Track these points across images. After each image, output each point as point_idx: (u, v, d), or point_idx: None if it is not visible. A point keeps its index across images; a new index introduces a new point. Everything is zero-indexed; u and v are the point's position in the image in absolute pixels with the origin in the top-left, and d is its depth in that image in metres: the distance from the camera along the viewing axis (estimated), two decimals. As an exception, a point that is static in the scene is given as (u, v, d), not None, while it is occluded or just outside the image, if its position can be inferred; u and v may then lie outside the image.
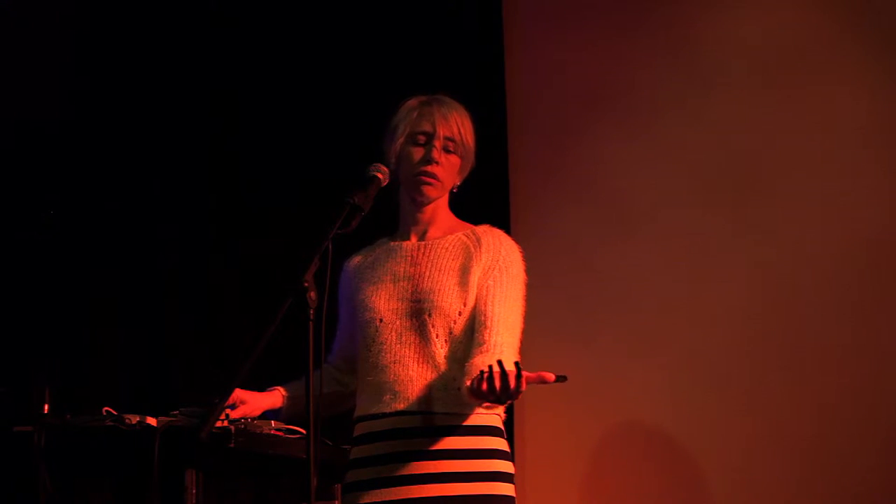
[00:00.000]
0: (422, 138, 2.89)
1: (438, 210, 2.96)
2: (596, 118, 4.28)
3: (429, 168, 2.88)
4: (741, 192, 4.06)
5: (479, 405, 2.68)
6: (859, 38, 4.01)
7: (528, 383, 2.50)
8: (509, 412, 2.89)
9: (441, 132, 2.88)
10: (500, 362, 2.49)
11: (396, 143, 2.91)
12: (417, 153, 2.89)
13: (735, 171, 4.08)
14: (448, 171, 2.91)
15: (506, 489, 2.79)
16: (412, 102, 2.95)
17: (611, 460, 4.09)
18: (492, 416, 2.82)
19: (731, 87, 4.12)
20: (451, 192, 2.98)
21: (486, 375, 2.50)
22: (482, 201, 3.26)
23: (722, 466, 3.94)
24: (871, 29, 4.01)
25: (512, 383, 2.48)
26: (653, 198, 4.16)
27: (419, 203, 2.94)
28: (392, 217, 3.00)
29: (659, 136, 4.19)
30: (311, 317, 2.44)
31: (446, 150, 2.90)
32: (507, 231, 3.02)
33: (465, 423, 2.78)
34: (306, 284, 2.45)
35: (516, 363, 2.50)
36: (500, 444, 2.83)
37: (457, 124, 2.90)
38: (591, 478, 4.09)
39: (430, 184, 2.90)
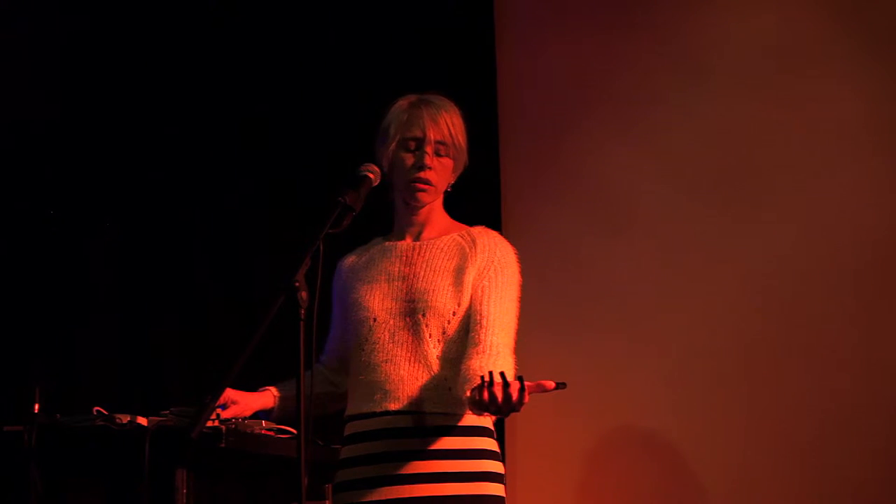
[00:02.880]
0: (412, 144, 2.88)
1: (433, 211, 2.96)
2: (587, 116, 4.28)
3: (422, 175, 2.86)
4: (733, 189, 4.06)
5: (479, 415, 2.66)
6: (852, 36, 4.01)
7: (529, 394, 2.49)
8: (499, 412, 2.89)
9: (432, 137, 2.86)
10: (502, 374, 2.48)
11: (388, 148, 2.90)
12: (409, 159, 2.87)
13: (726, 168, 4.08)
14: (441, 175, 2.90)
15: (495, 489, 2.79)
16: (401, 104, 2.92)
17: (602, 460, 4.09)
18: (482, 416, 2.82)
19: (722, 84, 4.12)
20: (445, 192, 2.98)
21: (486, 384, 2.48)
22: (473, 199, 3.26)
23: (717, 465, 3.94)
24: (864, 26, 4.01)
25: (514, 396, 2.46)
26: (645, 195, 4.16)
27: (413, 207, 2.94)
28: (386, 217, 3.00)
29: (651, 133, 4.19)
30: (303, 316, 2.44)
31: (438, 154, 2.88)
32: (498, 229, 3.02)
33: (455, 424, 2.77)
34: (297, 284, 2.45)
35: (519, 377, 2.49)
36: (490, 444, 2.83)
37: (447, 125, 2.88)
38: (582, 478, 4.09)
39: (424, 190, 2.89)
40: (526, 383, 2.47)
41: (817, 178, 3.97)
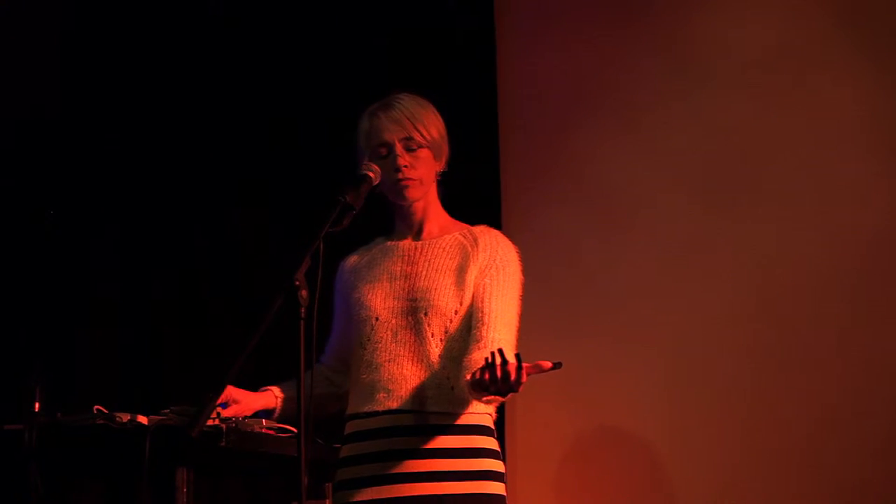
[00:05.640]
0: (383, 150, 2.89)
1: (429, 206, 2.97)
2: (586, 116, 4.28)
3: (400, 175, 2.88)
4: (732, 189, 4.06)
5: (479, 399, 2.68)
6: (851, 36, 4.00)
7: (527, 374, 2.50)
8: (499, 411, 2.90)
9: (395, 137, 2.88)
10: (500, 351, 2.50)
11: (364, 159, 2.90)
12: (384, 165, 2.87)
13: (726, 169, 4.07)
14: (421, 167, 2.90)
15: (496, 488, 2.80)
16: (364, 118, 2.94)
17: (601, 458, 4.09)
18: (483, 415, 2.83)
19: (722, 85, 4.12)
20: (440, 185, 2.98)
21: (487, 364, 2.50)
22: (473, 199, 3.27)
23: (717, 466, 3.93)
24: (863, 26, 4.01)
25: (513, 374, 2.48)
26: (643, 195, 4.16)
27: (406, 206, 2.95)
28: (388, 217, 3.01)
29: (651, 134, 4.19)
30: (303, 315, 2.44)
31: (409, 150, 2.89)
32: (498, 229, 3.03)
33: (456, 423, 2.79)
34: (297, 283, 2.46)
35: (517, 355, 2.51)
36: (491, 443, 2.84)
37: (409, 120, 2.88)
38: (581, 476, 4.09)
39: (408, 186, 2.90)
40: (524, 363, 2.49)
41: (817, 180, 3.97)
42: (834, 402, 3.84)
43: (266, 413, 2.97)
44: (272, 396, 2.97)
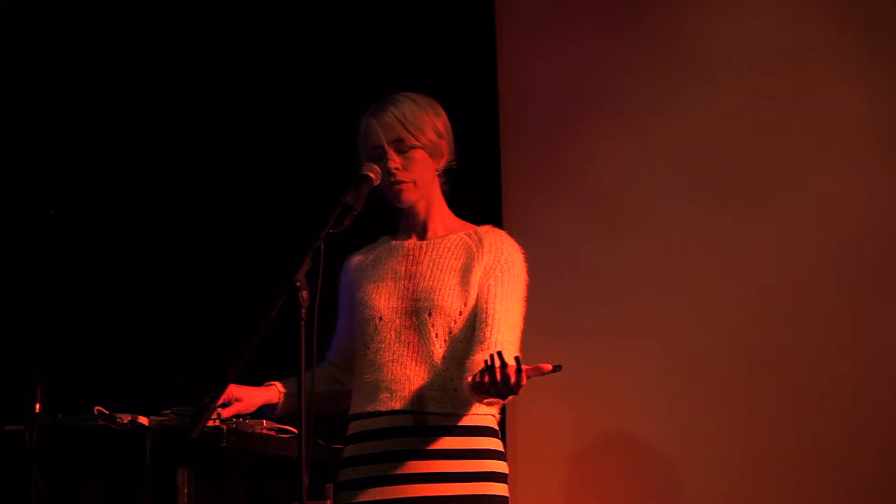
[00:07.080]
0: (377, 154, 2.88)
1: (432, 206, 2.97)
2: (588, 116, 4.28)
3: (392, 178, 2.87)
4: (735, 190, 4.06)
5: (480, 401, 2.68)
6: (852, 35, 4.01)
7: (527, 377, 2.50)
8: (501, 412, 2.90)
9: (384, 140, 2.86)
10: (499, 354, 2.50)
11: (363, 160, 2.90)
12: (381, 168, 2.87)
13: (728, 169, 4.08)
14: (416, 169, 2.89)
15: (499, 489, 2.80)
16: (361, 122, 2.93)
17: (603, 459, 4.09)
18: (486, 416, 2.83)
19: (723, 85, 4.12)
20: (443, 182, 2.98)
21: (487, 367, 2.50)
22: (474, 200, 3.27)
23: (719, 467, 3.94)
24: (864, 25, 4.01)
25: (512, 377, 2.48)
26: (646, 196, 4.16)
27: (405, 208, 2.95)
28: (394, 216, 3.01)
29: (651, 133, 4.19)
30: (304, 316, 2.45)
31: (401, 152, 2.88)
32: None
33: (459, 424, 2.79)
34: (298, 284, 2.46)
35: (516, 357, 2.51)
36: (495, 444, 2.84)
37: (398, 122, 2.87)
38: (583, 477, 4.09)
39: (402, 190, 2.90)
40: (523, 366, 2.49)
41: (818, 179, 3.97)
42: (835, 401, 3.84)
43: (268, 408, 2.97)
44: (275, 391, 2.97)
